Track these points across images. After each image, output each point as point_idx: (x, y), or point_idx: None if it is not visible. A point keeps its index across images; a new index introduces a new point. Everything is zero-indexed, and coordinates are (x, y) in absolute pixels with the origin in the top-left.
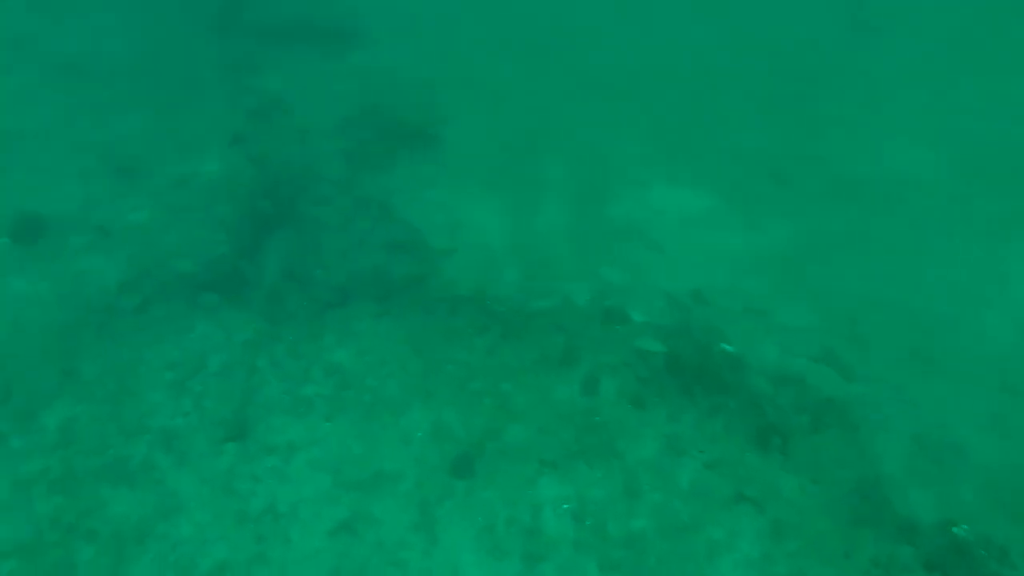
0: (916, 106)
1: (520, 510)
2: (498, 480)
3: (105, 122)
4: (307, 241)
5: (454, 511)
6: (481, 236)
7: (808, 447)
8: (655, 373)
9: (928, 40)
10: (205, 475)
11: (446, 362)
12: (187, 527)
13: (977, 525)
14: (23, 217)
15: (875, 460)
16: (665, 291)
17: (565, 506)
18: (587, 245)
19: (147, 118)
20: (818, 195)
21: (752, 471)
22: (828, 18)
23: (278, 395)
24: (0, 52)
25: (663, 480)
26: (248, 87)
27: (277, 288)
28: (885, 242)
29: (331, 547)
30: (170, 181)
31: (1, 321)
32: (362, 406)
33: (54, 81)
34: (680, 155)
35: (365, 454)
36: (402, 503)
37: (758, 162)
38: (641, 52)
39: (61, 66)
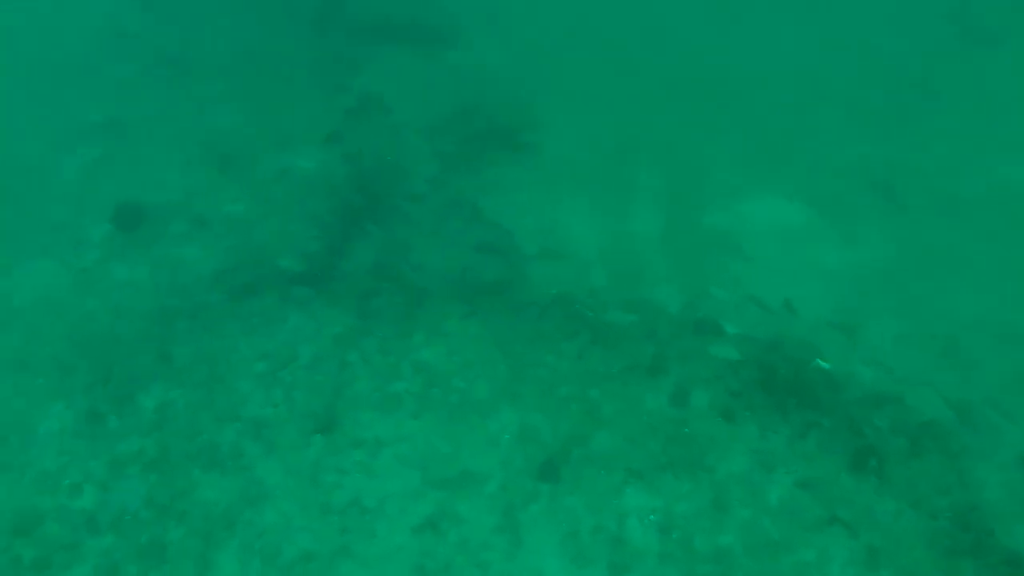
0: None
1: (605, 518)
2: (584, 487)
3: (206, 115)
4: (398, 239)
5: (539, 515)
6: (572, 241)
7: (906, 471)
8: (747, 387)
9: None
10: (292, 465)
11: (534, 366)
12: (273, 515)
13: None
14: (125, 205)
15: (977, 487)
16: (759, 303)
17: (651, 517)
18: (679, 253)
19: (246, 113)
20: (922, 211)
21: (846, 493)
22: (936, 25)
23: (367, 390)
24: (108, 45)
25: (753, 496)
26: (345, 85)
27: (368, 284)
28: (992, 262)
29: (415, 543)
30: (267, 175)
31: (103, 306)
32: (449, 406)
33: (158, 74)
34: (778, 165)
35: (451, 453)
36: (487, 504)
37: (859, 175)
38: (741, 58)
39: (165, 60)
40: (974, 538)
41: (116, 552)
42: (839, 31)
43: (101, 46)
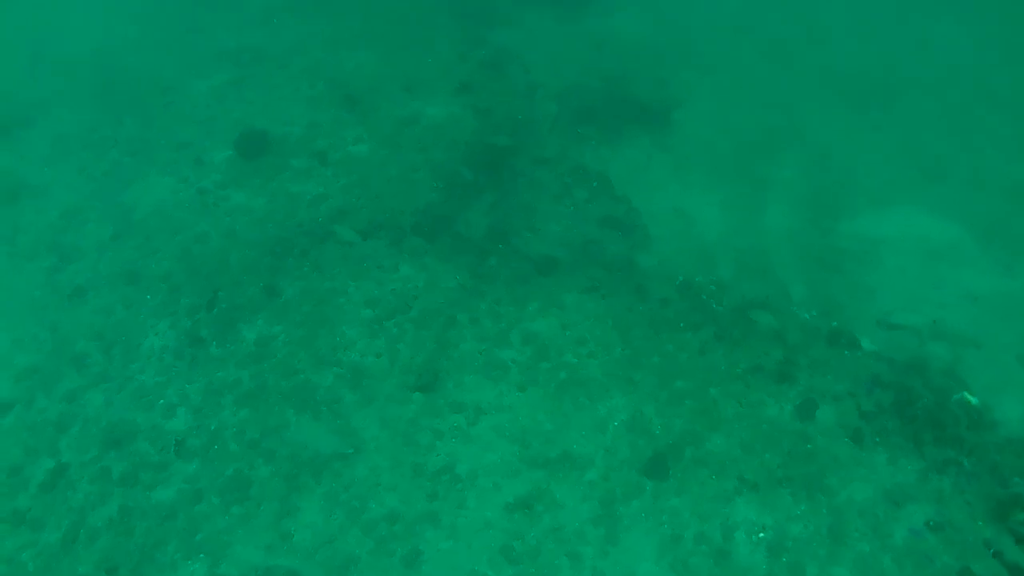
0: None
1: (711, 527)
2: (692, 489)
3: (339, 53)
4: (521, 202)
5: (640, 513)
6: (702, 227)
7: None
8: (881, 410)
9: None
10: (388, 420)
11: (652, 353)
12: (362, 469)
13: None
14: (250, 132)
15: None
16: (900, 323)
17: (761, 535)
18: (814, 256)
19: (379, 54)
20: None
21: (983, 545)
22: None
23: (473, 353)
24: None
25: (874, 531)
26: (482, 38)
27: (485, 244)
28: None
29: (505, 522)
30: (394, 119)
31: (216, 229)
32: (557, 381)
33: (297, 6)
34: (932, 176)
35: (554, 432)
36: (586, 492)
37: (1022, 197)
38: (904, 57)
39: None
40: None
41: (201, 479)
42: (1012, 38)
43: None
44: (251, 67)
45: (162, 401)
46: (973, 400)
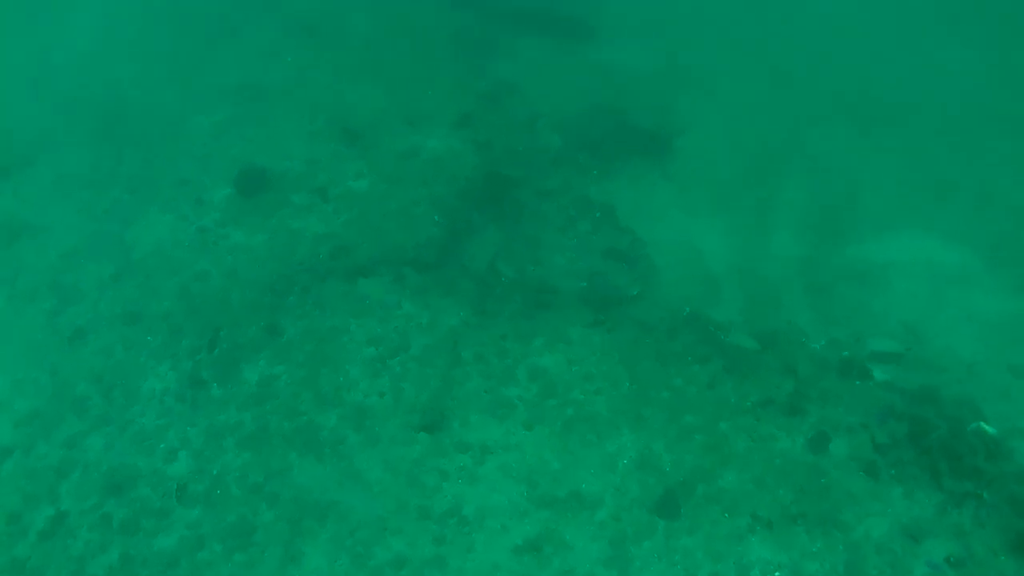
0: None
1: (725, 567)
2: (704, 528)
3: (338, 87)
4: (524, 234)
5: (652, 553)
6: (707, 256)
7: None
8: (896, 442)
9: None
10: (392, 461)
11: (661, 388)
12: (368, 512)
13: None
14: (249, 170)
15: None
16: (912, 351)
17: (776, 574)
18: (822, 283)
19: (378, 88)
20: None
21: None
22: None
23: (478, 391)
24: (249, 9)
25: (893, 568)
26: (483, 69)
27: (489, 278)
28: None
29: (514, 565)
30: (394, 153)
31: (216, 268)
32: (565, 419)
33: (295, 42)
34: (939, 201)
35: (562, 471)
36: (596, 532)
37: None
38: (905, 80)
39: (303, 28)
40: None
41: (204, 526)
42: (1021, 58)
43: (243, 9)
44: (252, 103)
45: (163, 445)
46: (990, 430)
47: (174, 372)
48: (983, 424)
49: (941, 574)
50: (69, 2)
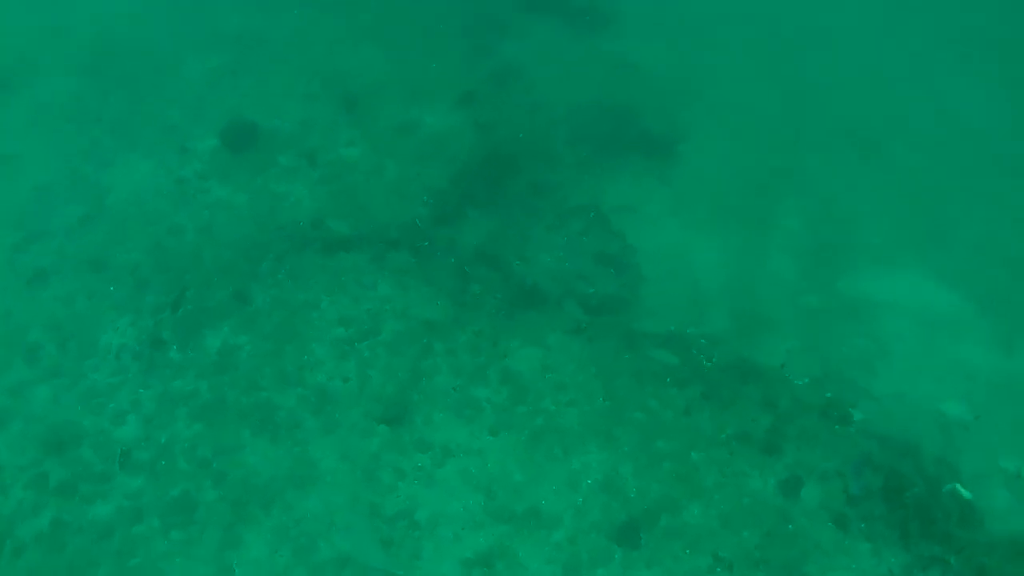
0: None
1: None
2: (663, 562)
3: (341, 49)
4: (513, 227)
5: None
6: (698, 271)
7: None
8: (868, 494)
9: None
10: (349, 453)
11: (635, 408)
12: (317, 503)
13: None
14: (238, 123)
15: None
16: (895, 397)
17: None
18: (811, 315)
19: (382, 55)
20: None
21: None
22: None
23: (446, 388)
24: None
25: None
26: (492, 48)
27: (471, 269)
28: None
29: None
30: (390, 125)
31: (192, 223)
32: (533, 429)
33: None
34: (936, 239)
35: (523, 484)
36: (551, 554)
37: None
38: (913, 114)
39: None
40: None
41: (144, 497)
42: None
43: None
44: (249, 53)
45: (112, 405)
46: (966, 494)
47: (134, 329)
48: (959, 487)
49: None
50: None
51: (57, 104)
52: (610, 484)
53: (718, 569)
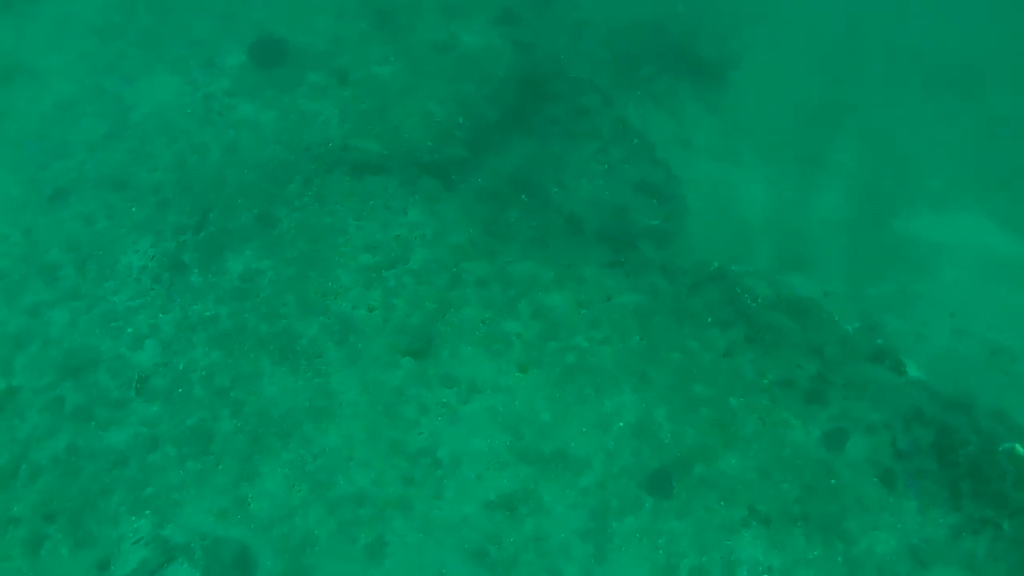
0: None
1: (711, 560)
2: (695, 513)
3: None
4: (550, 152)
5: (634, 532)
6: (745, 205)
7: None
8: (918, 449)
9: None
10: (371, 385)
11: (673, 348)
12: (335, 437)
13: None
14: (267, 39)
15: None
16: (950, 347)
17: None
18: (864, 257)
19: None
20: None
21: None
22: None
23: (474, 320)
24: None
25: None
26: None
27: (506, 195)
28: None
29: (484, 521)
30: (425, 42)
31: (217, 141)
32: (563, 366)
33: None
34: (1003, 183)
35: (551, 424)
36: (578, 499)
37: None
38: (987, 48)
39: None
40: None
41: (159, 425)
42: None
43: None
44: None
45: (131, 329)
46: (1022, 451)
47: (155, 250)
48: (1018, 446)
49: None
50: None
51: (81, 15)
52: (643, 428)
53: (754, 523)
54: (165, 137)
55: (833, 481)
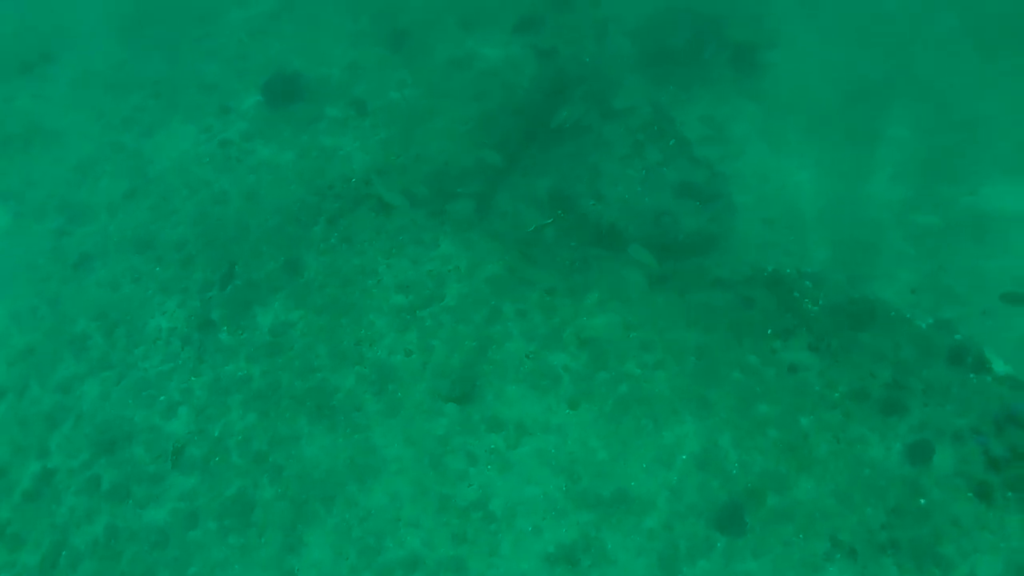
0: None
1: None
2: (772, 549)
3: None
4: (583, 163)
5: None
6: (796, 196)
7: None
8: (1016, 455)
9: None
10: (414, 436)
11: (733, 367)
12: (380, 496)
13: None
14: (282, 76)
15: None
16: None
17: None
18: (931, 240)
19: None
20: None
21: None
22: None
23: (518, 356)
24: None
25: None
26: None
27: (540, 215)
28: None
29: None
30: (443, 61)
31: (237, 188)
32: (616, 398)
33: None
34: None
35: (609, 463)
36: (643, 544)
37: None
38: None
39: None
40: None
41: (198, 498)
42: None
43: None
44: None
45: (163, 397)
46: None
47: (182, 310)
48: None
49: None
50: None
51: (98, 71)
52: (707, 459)
53: (838, 555)
54: (185, 190)
55: (922, 501)
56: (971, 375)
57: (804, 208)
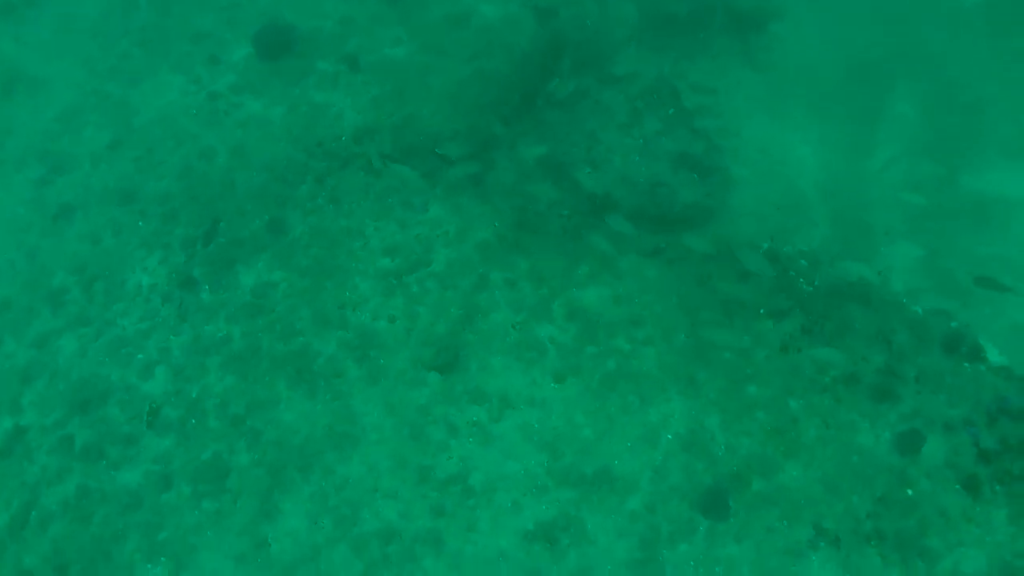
0: None
1: None
2: (755, 535)
3: None
4: (580, 129)
5: (688, 560)
6: (796, 172)
7: None
8: (1006, 448)
9: None
10: (396, 405)
11: (723, 347)
12: (358, 466)
13: None
14: (273, 27)
15: None
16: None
17: None
18: (933, 222)
19: None
20: None
21: None
22: None
23: (504, 325)
24: None
25: None
26: None
27: (532, 181)
28: None
29: (521, 554)
30: (440, 17)
31: (224, 143)
32: (604, 373)
33: None
34: None
35: (593, 440)
36: (624, 525)
37: None
38: None
39: None
40: None
41: (173, 461)
42: None
43: None
44: None
45: (141, 356)
46: None
47: (164, 266)
48: None
49: None
50: None
51: (83, 16)
52: (693, 440)
53: (822, 543)
54: (171, 142)
55: (909, 491)
56: (965, 364)
57: (803, 185)
